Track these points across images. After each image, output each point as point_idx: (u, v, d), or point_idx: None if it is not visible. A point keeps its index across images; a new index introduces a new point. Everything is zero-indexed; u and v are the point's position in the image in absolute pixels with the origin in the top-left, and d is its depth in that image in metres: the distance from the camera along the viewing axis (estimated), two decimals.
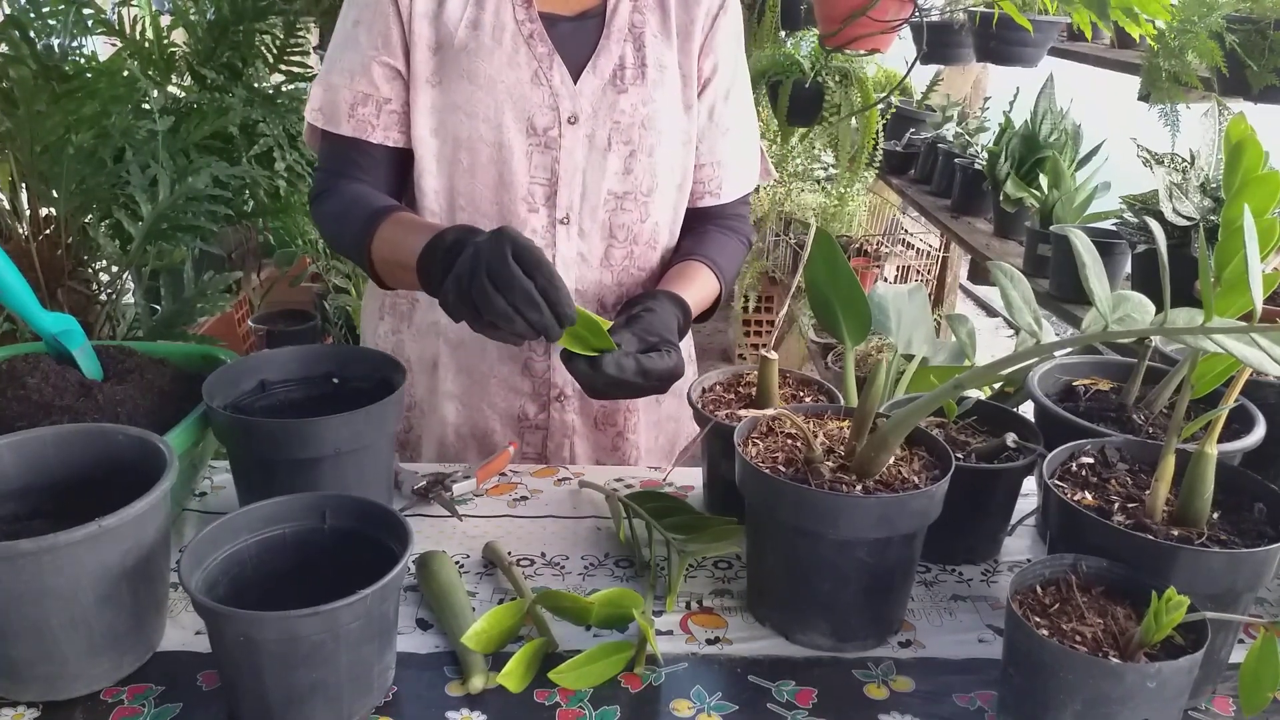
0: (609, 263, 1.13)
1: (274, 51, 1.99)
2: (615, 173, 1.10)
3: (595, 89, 1.07)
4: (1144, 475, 0.81)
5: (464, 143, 1.06)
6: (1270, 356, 0.64)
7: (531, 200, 1.08)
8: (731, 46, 1.15)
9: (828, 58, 2.38)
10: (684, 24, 1.11)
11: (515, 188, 1.08)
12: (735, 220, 1.22)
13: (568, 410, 1.17)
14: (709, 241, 1.17)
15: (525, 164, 1.07)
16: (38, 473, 0.78)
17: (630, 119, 1.08)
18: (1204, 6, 1.74)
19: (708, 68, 1.13)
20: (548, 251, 1.10)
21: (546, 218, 1.09)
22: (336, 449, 0.85)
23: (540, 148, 1.07)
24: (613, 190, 1.10)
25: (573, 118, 1.06)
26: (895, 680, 0.75)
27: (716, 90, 1.15)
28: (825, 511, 0.74)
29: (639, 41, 1.09)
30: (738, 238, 1.20)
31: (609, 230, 1.12)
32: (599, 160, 1.08)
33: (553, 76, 1.06)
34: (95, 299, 1.68)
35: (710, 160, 1.17)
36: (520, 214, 1.09)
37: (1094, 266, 0.84)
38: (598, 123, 1.07)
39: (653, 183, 1.12)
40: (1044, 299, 1.90)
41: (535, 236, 1.09)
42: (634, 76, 1.08)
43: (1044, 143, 2.27)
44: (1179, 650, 0.65)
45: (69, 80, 1.50)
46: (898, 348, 1.20)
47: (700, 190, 1.18)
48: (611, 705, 0.72)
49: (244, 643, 0.64)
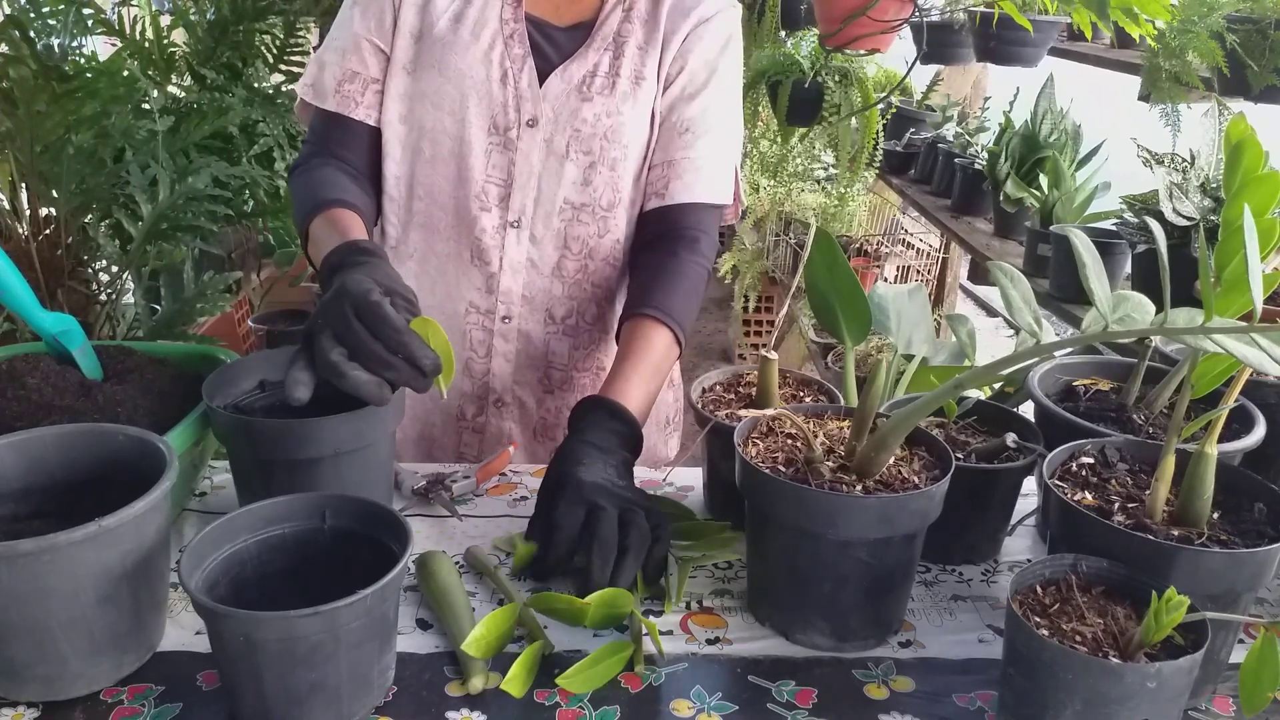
0: (561, 273, 1.12)
1: (274, 51, 1.99)
2: (573, 182, 1.08)
3: (559, 94, 1.06)
4: (1144, 475, 0.80)
5: (428, 132, 1.07)
6: (1270, 356, 0.64)
7: (485, 199, 1.08)
8: (711, 53, 1.10)
9: (828, 58, 2.38)
10: (668, 34, 1.10)
11: (471, 184, 1.08)
12: (693, 232, 1.09)
13: (505, 417, 1.17)
14: (663, 281, 1.05)
15: (483, 162, 1.07)
16: (38, 473, 0.78)
17: (592, 129, 1.07)
18: (1204, 6, 1.74)
19: (674, 70, 1.10)
20: (495, 254, 1.10)
21: (499, 218, 1.09)
22: (336, 449, 0.85)
23: (499, 147, 1.07)
24: (569, 200, 1.09)
25: (532, 120, 1.06)
26: (895, 680, 0.75)
27: (679, 90, 1.10)
28: (825, 512, 0.74)
29: (619, 51, 1.08)
30: (694, 264, 1.07)
31: (563, 240, 1.11)
32: (556, 167, 1.08)
33: (520, 78, 1.06)
34: (95, 299, 1.69)
35: (661, 160, 1.10)
36: (473, 211, 1.09)
37: (1094, 266, 0.84)
38: (557, 128, 1.06)
39: (614, 198, 1.10)
40: (1044, 299, 1.90)
41: (485, 236, 1.09)
42: (603, 86, 1.07)
43: (1044, 143, 2.27)
44: (1179, 650, 0.65)
45: (69, 80, 1.50)
46: (898, 348, 1.20)
47: (649, 191, 1.11)
48: (611, 705, 0.72)
49: (244, 643, 0.64)
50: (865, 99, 2.41)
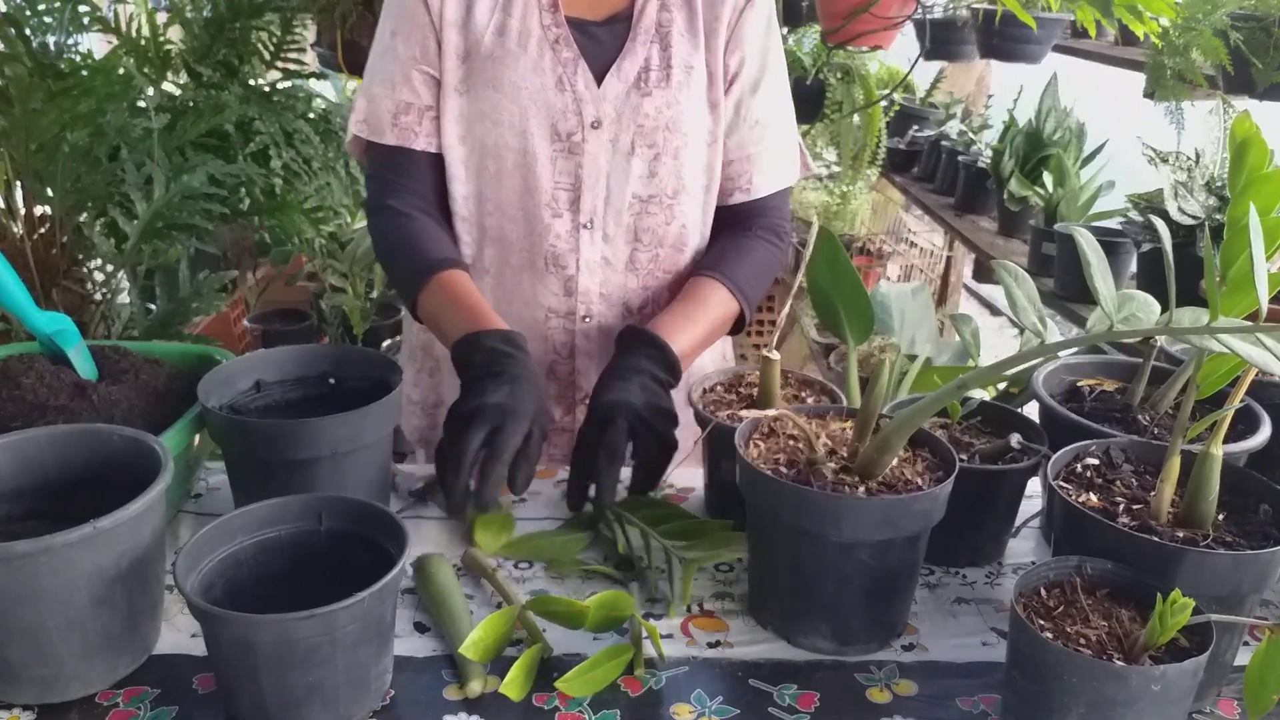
0: (634, 266, 1.13)
1: (270, 49, 1.98)
2: (639, 176, 1.09)
3: (619, 93, 1.07)
4: (1149, 476, 0.80)
5: (490, 150, 1.07)
6: (1275, 356, 0.63)
7: (556, 205, 1.09)
8: (760, 38, 1.13)
9: (830, 54, 2.37)
10: (710, 21, 1.10)
11: (540, 193, 1.08)
12: (772, 217, 1.17)
13: None
14: (731, 254, 1.13)
15: (550, 170, 1.07)
16: (32, 474, 0.78)
17: (654, 122, 1.08)
18: (1208, 4, 1.73)
19: (734, 63, 1.12)
20: (571, 257, 1.11)
21: (570, 222, 1.09)
22: (333, 450, 0.85)
23: (564, 153, 1.07)
24: (637, 194, 1.10)
25: (596, 122, 1.06)
26: (898, 684, 0.75)
27: (744, 84, 1.13)
28: (828, 513, 0.73)
29: (665, 42, 1.08)
30: (767, 244, 1.16)
31: (634, 234, 1.12)
32: (622, 164, 1.08)
33: (576, 82, 1.06)
34: (90, 298, 1.68)
35: (739, 155, 1.14)
36: (545, 219, 1.09)
37: (1099, 265, 0.83)
38: (621, 127, 1.07)
39: (678, 185, 1.11)
40: (1048, 298, 1.89)
41: (560, 241, 1.10)
42: (659, 79, 1.08)
43: (1048, 140, 2.26)
44: (1184, 653, 0.64)
45: (64, 78, 1.49)
46: (901, 347, 1.19)
47: (730, 187, 1.16)
48: (611, 709, 0.71)
49: (240, 645, 0.64)
50: (868, 96, 2.41)
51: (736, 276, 1.10)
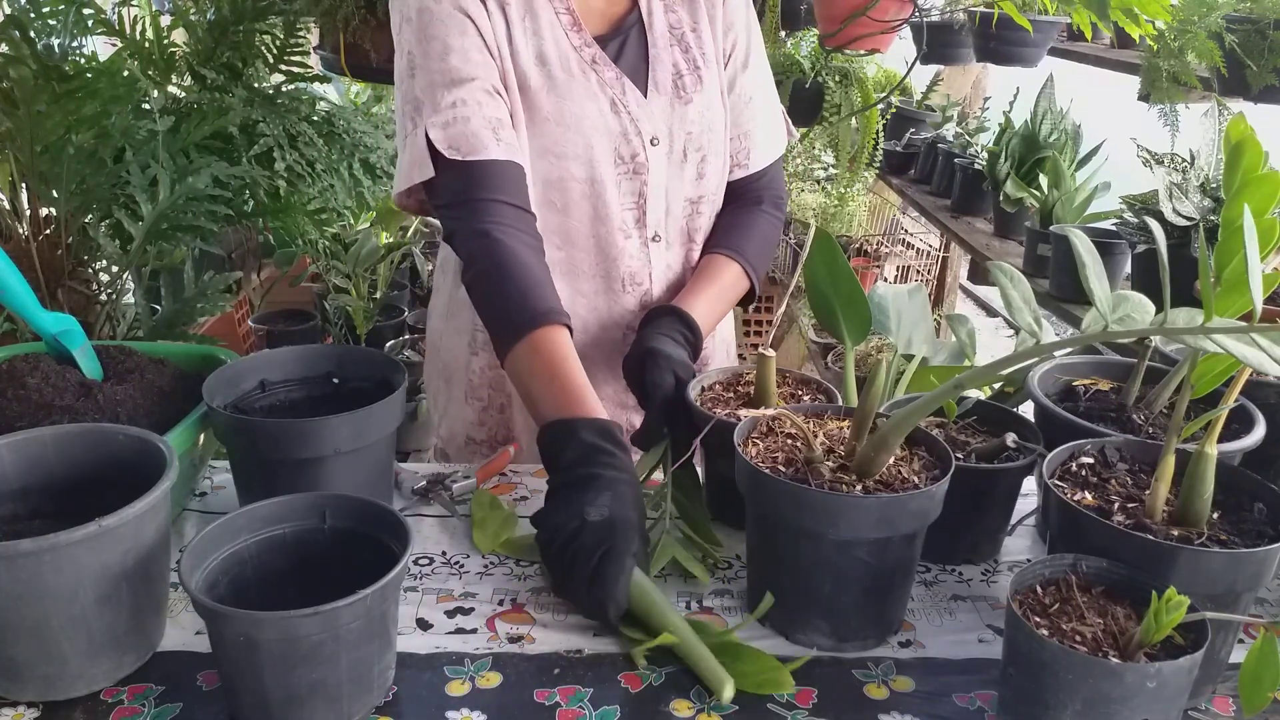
0: (688, 263, 1.15)
1: (274, 51, 1.99)
2: (690, 180, 1.11)
3: (663, 105, 1.07)
4: (1144, 475, 0.81)
5: (554, 184, 1.05)
6: (1270, 356, 0.64)
7: (625, 227, 1.09)
8: (743, 11, 1.15)
9: (827, 58, 2.38)
10: (709, 6, 1.12)
11: (611, 219, 1.08)
12: (767, 188, 1.19)
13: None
14: (739, 230, 1.15)
15: (617, 193, 1.07)
16: (38, 473, 0.78)
17: (698, 126, 1.09)
18: (1203, 7, 1.74)
19: (729, 43, 1.13)
20: (645, 272, 1.11)
21: (639, 240, 1.10)
22: (337, 449, 0.85)
23: (629, 175, 1.07)
24: (689, 197, 1.12)
25: (654, 139, 1.07)
26: (895, 680, 0.75)
27: (736, 62, 1.14)
28: (825, 512, 0.74)
29: (684, 44, 1.09)
30: (769, 216, 1.18)
31: (686, 235, 1.14)
32: (677, 173, 1.10)
33: (628, 101, 1.05)
34: (95, 299, 1.68)
35: (737, 133, 1.16)
36: (618, 243, 1.09)
37: (1094, 266, 0.84)
38: (674, 138, 1.08)
39: (719, 180, 1.14)
40: (1044, 299, 1.90)
41: (633, 260, 1.10)
42: (692, 84, 1.09)
43: (1044, 143, 2.27)
44: (1179, 650, 0.65)
45: (69, 80, 1.50)
46: (898, 348, 1.20)
47: (731, 164, 1.17)
48: (611, 705, 0.72)
49: (244, 643, 0.64)
50: (865, 99, 2.41)
51: (747, 252, 1.13)
